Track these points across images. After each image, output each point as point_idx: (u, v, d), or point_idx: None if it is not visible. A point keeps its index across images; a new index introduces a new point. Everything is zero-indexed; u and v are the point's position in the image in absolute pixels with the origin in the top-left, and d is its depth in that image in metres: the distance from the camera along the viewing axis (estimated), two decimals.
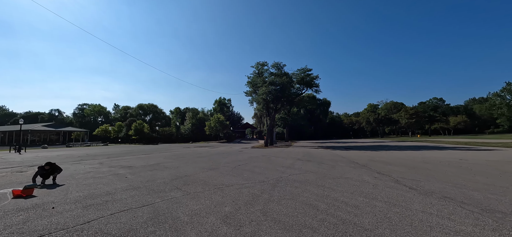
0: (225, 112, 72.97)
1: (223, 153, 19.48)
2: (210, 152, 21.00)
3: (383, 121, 75.03)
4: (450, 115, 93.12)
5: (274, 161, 12.63)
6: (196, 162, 12.73)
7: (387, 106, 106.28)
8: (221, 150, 23.37)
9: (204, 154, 18.36)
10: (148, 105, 74.38)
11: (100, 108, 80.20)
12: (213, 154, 18.43)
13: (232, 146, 34.65)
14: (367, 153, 16.81)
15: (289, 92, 29.15)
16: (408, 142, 34.48)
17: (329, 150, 21.54)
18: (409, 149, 21.12)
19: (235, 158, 14.39)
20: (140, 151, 23.57)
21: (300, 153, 17.71)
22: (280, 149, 23.65)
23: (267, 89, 27.32)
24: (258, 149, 24.16)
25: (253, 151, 21.79)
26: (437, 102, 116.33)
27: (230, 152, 19.97)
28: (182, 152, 20.99)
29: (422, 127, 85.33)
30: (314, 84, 29.07)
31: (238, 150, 23.73)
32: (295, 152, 19.55)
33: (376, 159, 12.74)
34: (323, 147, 25.82)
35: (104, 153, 21.16)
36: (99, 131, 54.85)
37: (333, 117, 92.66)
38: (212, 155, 16.82)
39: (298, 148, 24.75)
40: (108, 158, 16.18)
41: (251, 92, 33.97)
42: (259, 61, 32.13)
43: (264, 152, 20.04)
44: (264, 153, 18.23)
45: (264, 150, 22.26)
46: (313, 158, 13.67)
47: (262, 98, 28.08)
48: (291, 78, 29.27)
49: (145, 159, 15.11)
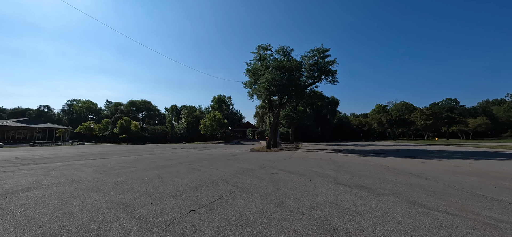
0: (224, 110, 67.04)
1: (206, 159, 13.41)
2: (189, 157, 14.95)
3: (397, 122, 68.25)
4: (468, 117, 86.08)
5: (284, 181, 6.52)
6: (140, 181, 6.63)
7: (398, 106, 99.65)
8: (208, 154, 17.32)
9: (177, 159, 12.36)
10: (140, 102, 68.58)
11: (89, 104, 74.64)
12: (192, 160, 12.39)
13: (228, 147, 28.54)
14: (429, 164, 10.57)
15: (298, 81, 23.03)
16: (442, 146, 28.04)
17: (356, 155, 15.34)
18: (479, 156, 14.77)
19: (215, 172, 8.30)
20: (103, 154, 17.63)
21: (322, 162, 11.54)
22: (288, 154, 17.50)
23: (270, 75, 21.22)
24: (258, 153, 18.09)
25: (251, 156, 15.70)
26: (451, 103, 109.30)
27: (216, 158, 13.91)
28: (150, 157, 14.96)
29: (438, 130, 78.42)
30: (330, 71, 22.84)
31: (232, 153, 17.67)
32: (312, 159, 13.38)
33: (474, 174, 6.52)
34: (343, 151, 19.62)
35: (45, 156, 15.21)
36: (82, 128, 49.26)
37: (341, 118, 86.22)
38: (185, 163, 10.78)
39: (312, 153, 18.56)
40: (34, 164, 10.17)
41: (251, 83, 27.89)
42: (261, 44, 26.05)
43: (265, 157, 13.97)
44: (265, 161, 12.12)
45: (265, 155, 16.17)
46: (356, 176, 7.51)
47: (264, 87, 21.97)
48: (301, 63, 23.07)
49: (70, 167, 9.08)
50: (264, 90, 22.10)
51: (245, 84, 29.57)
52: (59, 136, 53.08)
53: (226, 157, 14.73)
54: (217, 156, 15.56)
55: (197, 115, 61.19)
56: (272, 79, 21.27)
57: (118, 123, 45.65)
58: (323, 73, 22.92)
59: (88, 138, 51.49)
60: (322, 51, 21.66)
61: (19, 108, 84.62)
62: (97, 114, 75.76)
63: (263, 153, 18.22)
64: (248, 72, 27.93)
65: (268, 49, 25.96)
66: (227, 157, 14.30)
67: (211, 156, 15.57)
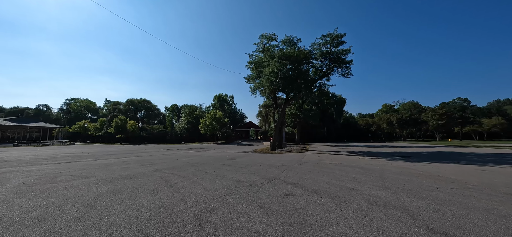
0: (226, 109, 64.29)
1: (195, 164, 10.55)
2: (177, 161, 12.11)
3: (408, 122, 64.66)
4: (481, 117, 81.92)
5: (315, 222, 3.60)
6: (57, 209, 3.78)
7: (406, 106, 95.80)
8: (201, 157, 14.49)
9: (159, 164, 9.53)
10: (139, 100, 66.15)
11: (88, 103, 72.52)
12: (176, 166, 9.55)
13: (228, 148, 25.70)
14: (494, 173, 7.52)
15: (307, 74, 20.06)
16: (467, 147, 24.74)
17: (382, 160, 12.32)
18: None
19: (194, 191, 5.43)
20: (77, 156, 14.92)
21: (351, 171, 8.62)
22: (297, 157, 14.57)
23: (276, 66, 18.31)
24: (261, 156, 15.19)
25: (253, 159, 12.81)
26: (461, 103, 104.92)
27: (210, 162, 11.05)
28: (128, 160, 12.14)
29: (449, 130, 74.49)
30: (344, 61, 19.80)
31: (230, 156, 14.81)
32: (332, 165, 10.42)
33: None
34: (360, 154, 16.59)
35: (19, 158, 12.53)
36: (76, 127, 46.94)
37: (347, 118, 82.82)
38: (162, 171, 7.93)
39: (326, 156, 15.60)
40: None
41: (253, 77, 25.02)
42: (265, 33, 23.14)
43: (271, 161, 11.07)
44: (272, 168, 9.21)
45: (271, 158, 13.27)
46: (427, 200, 4.55)
47: (268, 80, 19.06)
48: (310, 53, 20.06)
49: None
50: (269, 83, 19.18)
51: (247, 79, 26.73)
52: (54, 135, 51.00)
53: (222, 161, 11.86)
54: (212, 160, 12.71)
55: (198, 114, 58.51)
56: (277, 71, 18.36)
57: (113, 122, 43.19)
58: (336, 64, 19.86)
59: (84, 138, 49.22)
60: (336, 37, 18.50)
61: (18, 107, 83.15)
62: (96, 113, 73.66)
63: (267, 156, 15.31)
64: (250, 64, 25.07)
65: (272, 38, 23.03)
66: (223, 162, 11.42)
67: (204, 160, 12.72)
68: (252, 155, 16.14)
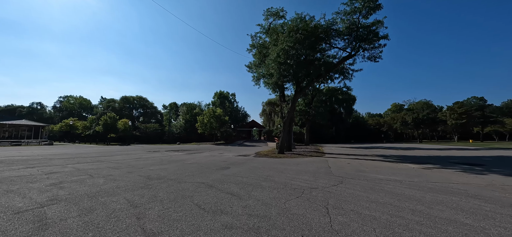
0: (227, 107, 59.91)
1: (161, 178, 6.17)
2: (143, 169, 7.76)
3: (424, 122, 59.47)
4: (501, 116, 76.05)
5: None
6: None
7: (417, 106, 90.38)
8: (185, 163, 10.11)
9: (91, 180, 5.28)
10: (135, 98, 62.01)
11: (81, 101, 68.75)
12: (121, 187, 5.21)
13: (226, 150, 21.31)
14: None
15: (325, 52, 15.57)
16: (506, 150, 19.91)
17: (451, 171, 7.77)
18: None
19: None
20: (23, 161, 10.67)
21: (438, 198, 4.10)
22: (317, 163, 10.09)
23: (286, 43, 13.87)
24: (267, 161, 10.76)
25: (254, 169, 8.38)
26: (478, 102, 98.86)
27: (186, 175, 6.68)
28: (69, 171, 7.82)
29: (469, 130, 68.92)
30: (375, 35, 15.10)
31: (224, 163, 10.44)
32: (384, 179, 5.94)
33: None
34: (401, 159, 12.02)
35: None
36: (62, 126, 43.06)
37: (356, 117, 77.93)
38: (86, 199, 3.66)
39: (356, 162, 11.07)
40: None
41: (257, 64, 20.65)
42: (270, 7, 18.67)
43: (283, 175, 6.64)
44: (287, 191, 4.77)
45: (281, 166, 8.82)
46: None
47: (277, 62, 14.62)
48: (329, 28, 15.49)
49: None
50: (277, 66, 14.68)
51: (248, 67, 22.38)
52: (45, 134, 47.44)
53: (208, 173, 7.46)
54: (194, 170, 8.33)
55: (197, 112, 54.28)
56: (288, 48, 13.90)
57: (101, 119, 39.19)
58: (363, 43, 15.24)
59: (72, 137, 45.36)
60: (368, 2, 13.74)
61: (12, 106, 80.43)
62: (90, 112, 70.05)
63: (275, 162, 10.87)
64: (252, 48, 20.65)
65: (280, 15, 18.49)
66: (207, 175, 7.01)
67: (182, 170, 8.35)
68: (254, 161, 11.71)
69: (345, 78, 16.39)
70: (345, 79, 16.43)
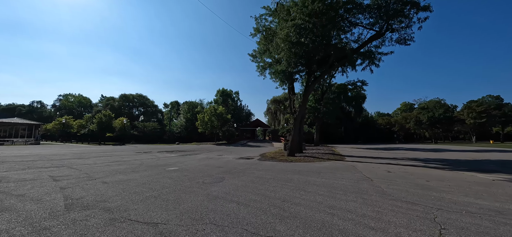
0: (230, 105, 57.14)
1: (91, 208, 3.35)
2: (96, 182, 5.00)
3: (441, 121, 55.57)
4: None
5: None
6: None
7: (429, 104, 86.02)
8: (167, 169, 7.29)
9: None
10: (135, 96, 59.78)
11: (81, 99, 66.98)
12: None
13: (226, 152, 18.49)
14: None
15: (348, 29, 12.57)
16: None
17: None
18: None
19: None
20: None
21: None
22: (342, 170, 7.18)
23: (299, 17, 10.93)
24: (274, 167, 7.90)
25: (260, 185, 5.53)
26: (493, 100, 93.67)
27: (136, 207, 3.91)
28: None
29: (487, 131, 64.59)
30: (409, 14, 12.14)
31: (218, 171, 7.63)
32: None
33: None
34: (442, 164, 8.95)
35: None
36: (56, 124, 41.00)
37: (366, 116, 74.25)
38: None
39: (394, 168, 8.04)
40: None
41: (261, 52, 17.78)
42: None
43: (309, 205, 3.82)
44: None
45: (296, 178, 5.96)
46: None
47: (288, 42, 11.68)
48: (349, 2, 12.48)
49: None
50: (287, 48, 11.75)
51: (252, 56, 19.51)
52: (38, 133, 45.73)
53: (187, 190, 4.63)
54: (168, 184, 5.50)
55: (198, 111, 51.71)
56: (303, 24, 10.96)
57: (96, 117, 36.93)
58: (396, 18, 12.19)
59: (67, 136, 43.33)
60: None
61: (13, 104, 79.73)
62: (90, 110, 68.41)
63: (287, 169, 7.96)
64: (256, 33, 17.72)
65: None
66: (178, 200, 4.17)
67: (149, 185, 5.52)
68: (259, 167, 8.82)
69: (371, 63, 13.27)
70: (371, 64, 13.30)
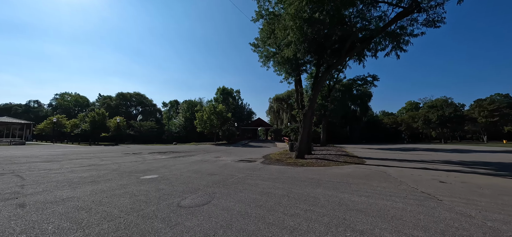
0: (230, 104, 55.10)
1: None
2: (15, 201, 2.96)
3: (451, 120, 53.11)
4: None
5: None
6: None
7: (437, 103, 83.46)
8: (140, 179, 5.20)
9: None
10: (132, 95, 57.92)
11: (77, 98, 65.22)
12: None
13: (224, 154, 16.43)
14: None
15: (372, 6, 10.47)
16: None
17: None
18: None
19: None
20: None
21: None
22: (376, 178, 5.11)
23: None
24: (284, 173, 5.85)
25: (267, 213, 3.48)
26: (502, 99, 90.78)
27: None
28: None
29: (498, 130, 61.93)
30: None
31: (208, 181, 5.59)
32: None
33: None
34: (494, 168, 6.83)
35: None
36: (48, 123, 39.22)
37: (371, 115, 71.88)
38: None
39: (450, 176, 5.86)
40: None
41: (264, 40, 15.69)
42: None
43: None
44: None
45: (319, 193, 3.92)
46: None
47: (298, 22, 9.55)
48: None
49: None
50: (298, 27, 9.63)
51: (254, 45, 17.43)
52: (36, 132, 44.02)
53: (149, 221, 2.57)
54: (125, 207, 3.41)
55: (198, 110, 49.73)
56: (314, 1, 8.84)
57: (88, 116, 35.06)
58: None
59: (61, 136, 41.54)
60: None
61: (10, 104, 78.42)
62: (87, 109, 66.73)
63: (301, 177, 5.87)
64: (258, 17, 15.59)
65: None
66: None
67: (108, 203, 3.40)
68: (263, 174, 6.70)
69: (396, 47, 11.12)
70: (396, 48, 11.14)
